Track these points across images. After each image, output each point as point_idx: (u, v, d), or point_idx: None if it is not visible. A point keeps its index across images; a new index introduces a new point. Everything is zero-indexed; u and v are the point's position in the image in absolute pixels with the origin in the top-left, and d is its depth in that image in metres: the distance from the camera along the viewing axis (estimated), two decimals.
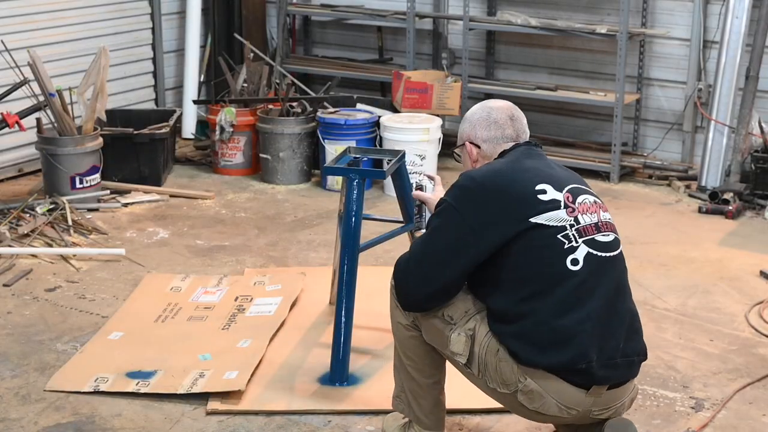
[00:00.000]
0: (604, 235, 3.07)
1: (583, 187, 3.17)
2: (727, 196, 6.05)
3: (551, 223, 3.00)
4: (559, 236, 3.00)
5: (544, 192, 3.05)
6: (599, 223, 3.08)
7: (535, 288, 2.97)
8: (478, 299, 3.13)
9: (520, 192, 3.04)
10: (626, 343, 3.05)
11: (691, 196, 6.31)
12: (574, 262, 2.98)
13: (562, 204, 3.04)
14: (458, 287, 3.12)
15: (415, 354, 3.29)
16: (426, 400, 3.33)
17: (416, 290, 3.13)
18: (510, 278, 3.01)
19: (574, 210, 3.05)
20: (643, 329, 3.17)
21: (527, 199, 3.03)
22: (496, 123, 3.25)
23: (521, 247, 2.99)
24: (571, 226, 3.02)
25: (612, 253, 3.07)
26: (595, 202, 3.13)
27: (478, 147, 3.26)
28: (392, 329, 3.37)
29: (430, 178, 3.77)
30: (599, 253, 3.03)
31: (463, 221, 3.04)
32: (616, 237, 3.13)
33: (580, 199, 3.09)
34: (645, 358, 3.14)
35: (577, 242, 3.01)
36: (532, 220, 2.99)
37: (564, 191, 3.08)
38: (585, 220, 3.05)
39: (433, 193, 3.67)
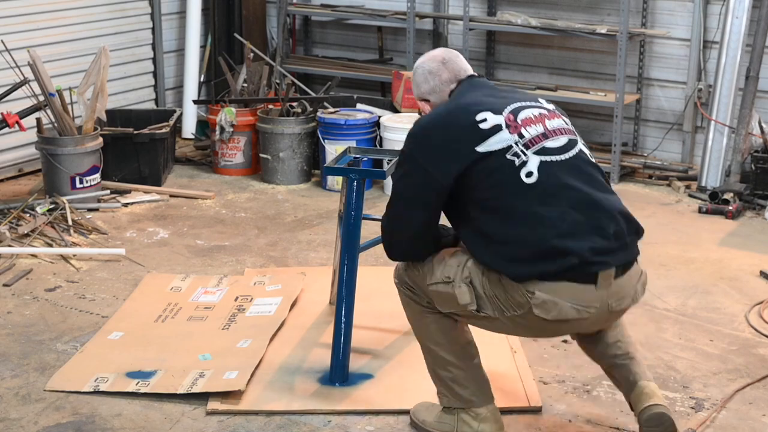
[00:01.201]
0: (553, 140, 3.21)
1: (527, 103, 3.30)
2: (727, 196, 6.05)
3: (497, 147, 3.15)
4: (507, 156, 3.14)
5: (484, 120, 3.19)
6: (546, 132, 3.22)
7: (500, 211, 3.12)
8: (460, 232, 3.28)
9: (461, 126, 3.20)
10: (616, 226, 3.14)
11: (691, 196, 6.31)
12: (529, 174, 3.12)
13: (503, 125, 3.19)
14: (435, 224, 3.31)
15: (442, 335, 3.36)
16: (469, 382, 3.39)
17: (399, 235, 3.32)
18: (477, 208, 3.16)
19: (517, 127, 3.19)
20: (635, 219, 3.25)
21: (468, 131, 3.18)
22: (431, 73, 3.43)
23: (477, 177, 3.14)
24: (517, 143, 3.17)
25: (567, 155, 3.20)
26: (540, 114, 3.28)
27: (428, 101, 3.47)
28: (412, 325, 3.43)
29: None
30: (553, 158, 3.17)
31: (418, 164, 3.22)
32: (570, 138, 3.26)
33: (522, 115, 3.24)
34: (640, 234, 3.21)
35: (526, 156, 3.14)
36: (478, 149, 3.15)
37: (505, 113, 3.22)
38: (530, 132, 3.19)
39: None
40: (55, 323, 4.46)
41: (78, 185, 5.90)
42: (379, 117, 6.53)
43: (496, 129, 3.17)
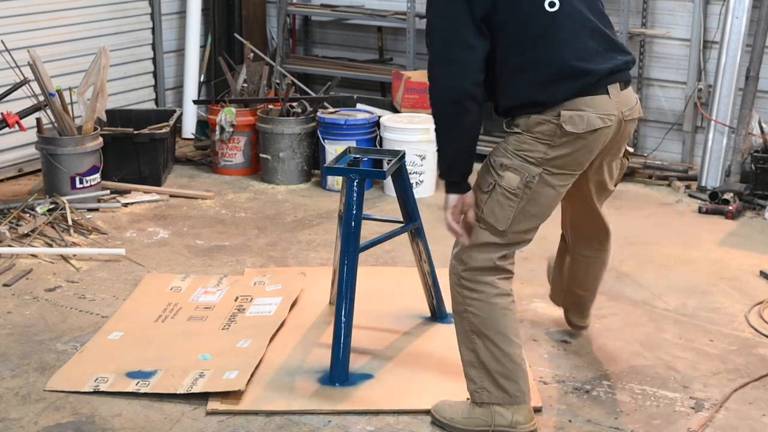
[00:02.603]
0: None
1: None
2: (727, 196, 6.05)
3: None
4: None
5: None
6: None
7: (526, 40, 3.25)
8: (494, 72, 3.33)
9: None
10: (621, 54, 3.40)
11: (691, 196, 6.30)
12: (551, 4, 3.27)
13: None
14: (483, 48, 3.26)
15: (507, 325, 3.42)
16: (519, 377, 3.44)
17: (456, 59, 3.23)
18: (506, 32, 3.25)
19: None
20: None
21: None
22: None
23: (504, 10, 3.23)
24: None
25: None
26: None
27: None
28: (475, 318, 3.42)
29: None
30: None
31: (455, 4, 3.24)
32: None
33: None
34: (631, 63, 3.44)
35: None
36: None
37: None
38: None
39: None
40: (55, 323, 4.46)
41: (78, 185, 5.90)
42: (379, 117, 6.53)
43: None
